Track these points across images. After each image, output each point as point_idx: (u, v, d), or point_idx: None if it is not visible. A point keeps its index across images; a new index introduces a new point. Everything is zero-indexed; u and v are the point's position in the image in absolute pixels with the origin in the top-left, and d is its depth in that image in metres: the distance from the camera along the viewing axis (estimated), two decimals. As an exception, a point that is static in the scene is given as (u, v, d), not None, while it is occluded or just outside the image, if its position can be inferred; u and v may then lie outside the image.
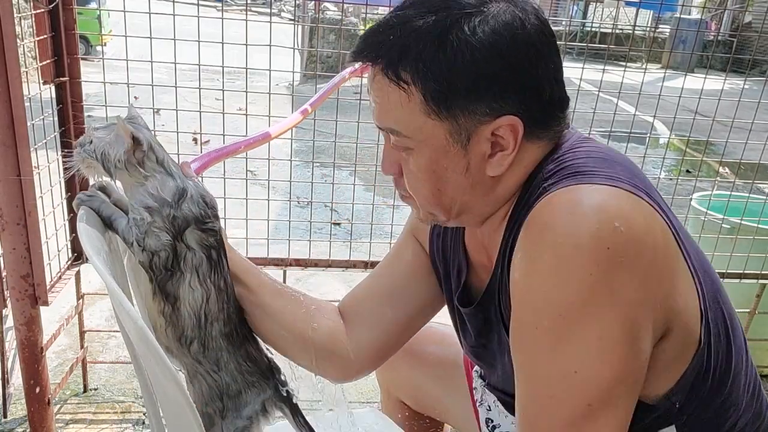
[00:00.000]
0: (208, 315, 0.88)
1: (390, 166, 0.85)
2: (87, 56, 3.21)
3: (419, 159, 0.79)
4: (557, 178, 0.75)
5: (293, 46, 2.28)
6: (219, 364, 0.91)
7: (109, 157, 0.84)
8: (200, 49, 1.81)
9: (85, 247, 0.82)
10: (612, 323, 0.68)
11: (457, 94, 0.74)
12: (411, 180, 0.82)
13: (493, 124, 0.76)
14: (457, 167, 0.79)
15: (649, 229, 0.70)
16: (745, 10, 9.71)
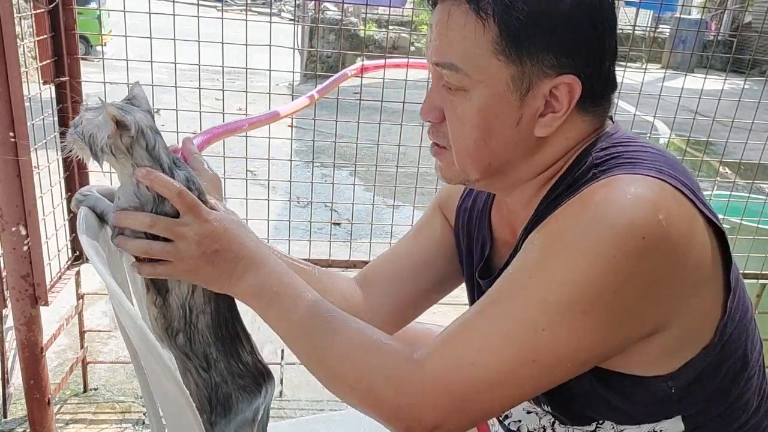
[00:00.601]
0: (192, 307, 0.87)
1: (430, 111, 0.81)
2: (87, 56, 3.21)
3: (473, 102, 0.77)
4: (609, 166, 0.75)
5: (293, 46, 2.28)
6: (208, 360, 0.89)
7: (96, 141, 0.81)
8: (200, 49, 1.81)
9: (85, 247, 0.82)
10: (606, 307, 0.68)
11: (534, 38, 0.73)
12: (456, 126, 0.79)
13: (555, 80, 0.75)
14: (509, 118, 0.77)
15: (689, 231, 0.71)
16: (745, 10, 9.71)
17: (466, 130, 0.79)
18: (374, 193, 2.57)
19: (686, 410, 0.79)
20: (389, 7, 2.02)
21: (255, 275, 0.80)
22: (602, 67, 0.77)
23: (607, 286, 0.67)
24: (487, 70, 0.75)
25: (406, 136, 2.09)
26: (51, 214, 1.78)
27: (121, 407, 2.03)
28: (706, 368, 0.77)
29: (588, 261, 0.68)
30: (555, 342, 0.69)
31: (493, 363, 0.70)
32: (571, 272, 0.68)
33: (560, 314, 0.68)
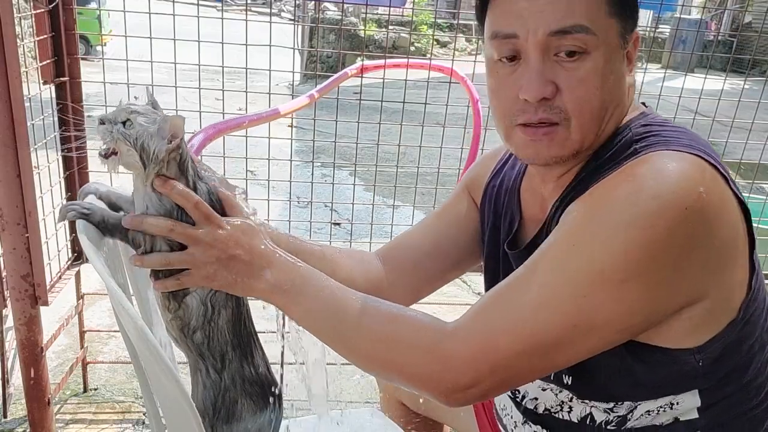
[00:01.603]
0: (215, 304, 0.87)
1: (545, 86, 0.78)
2: (87, 56, 3.21)
3: (596, 62, 0.77)
4: (649, 143, 0.77)
5: (293, 46, 2.28)
6: (224, 360, 0.89)
7: (149, 151, 0.79)
8: (200, 49, 1.81)
9: (84, 247, 0.81)
10: (647, 275, 0.70)
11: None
12: (582, 91, 0.78)
13: (634, 33, 0.82)
14: (620, 75, 0.81)
15: (723, 206, 0.73)
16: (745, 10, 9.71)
17: (591, 93, 0.78)
18: (374, 193, 2.57)
19: (705, 384, 0.81)
20: (389, 7, 2.02)
21: (272, 272, 0.82)
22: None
23: (648, 255, 0.69)
24: (605, 28, 0.78)
25: (406, 136, 2.09)
26: (51, 214, 1.78)
27: (121, 407, 2.03)
28: (730, 344, 0.79)
29: (631, 230, 0.70)
30: (595, 308, 0.71)
31: (533, 328, 0.72)
32: (613, 240, 0.70)
33: (602, 281, 0.70)
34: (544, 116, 0.79)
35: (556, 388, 0.91)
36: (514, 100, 0.81)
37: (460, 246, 1.09)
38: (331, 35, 9.03)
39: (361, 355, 0.81)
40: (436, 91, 2.03)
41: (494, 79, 0.83)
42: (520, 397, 0.98)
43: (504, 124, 0.84)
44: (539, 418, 0.95)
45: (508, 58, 0.80)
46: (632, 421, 0.84)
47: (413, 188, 2.13)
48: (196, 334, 0.87)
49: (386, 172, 3.21)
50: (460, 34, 8.71)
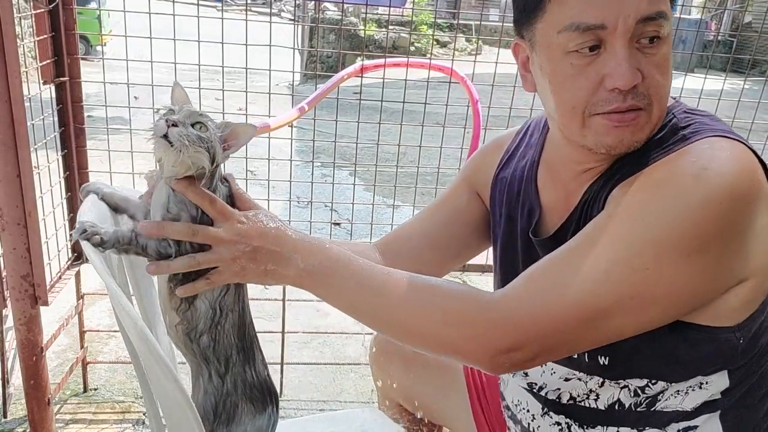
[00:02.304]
0: (223, 307, 0.87)
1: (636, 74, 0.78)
2: (87, 56, 3.21)
3: (668, 47, 0.81)
4: (697, 129, 0.80)
5: (293, 46, 2.28)
6: (228, 364, 0.89)
7: (214, 154, 0.80)
8: (200, 49, 1.81)
9: (84, 247, 0.81)
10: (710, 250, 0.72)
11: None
12: (659, 76, 0.80)
13: None
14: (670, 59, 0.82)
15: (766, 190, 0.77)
16: (745, 10, 9.71)
17: (665, 77, 0.81)
18: (374, 193, 2.57)
19: (738, 364, 0.83)
20: (389, 7, 2.02)
21: (301, 256, 0.83)
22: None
23: (714, 231, 0.72)
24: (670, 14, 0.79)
25: (406, 136, 2.09)
26: (51, 214, 1.78)
27: (121, 407, 2.03)
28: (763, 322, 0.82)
29: (700, 206, 0.72)
30: (657, 282, 0.73)
31: (589, 298, 0.74)
32: (682, 215, 0.72)
33: (668, 255, 0.72)
34: (634, 103, 0.79)
35: (585, 376, 0.90)
36: (593, 90, 0.79)
37: (460, 238, 1.10)
38: (331, 35, 9.03)
39: (400, 328, 0.82)
40: (436, 91, 2.03)
41: (566, 70, 0.80)
42: (537, 388, 0.98)
43: (577, 114, 0.81)
44: (563, 407, 0.94)
45: (589, 48, 0.79)
46: (661, 403, 0.85)
47: (413, 188, 2.13)
48: (202, 337, 0.87)
49: (386, 172, 3.21)
50: (460, 34, 8.71)
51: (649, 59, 0.79)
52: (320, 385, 2.21)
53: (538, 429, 0.99)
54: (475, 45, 8.82)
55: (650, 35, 0.78)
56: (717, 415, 0.84)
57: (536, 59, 0.84)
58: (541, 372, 0.98)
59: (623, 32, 0.77)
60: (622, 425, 0.88)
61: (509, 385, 1.07)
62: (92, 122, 2.05)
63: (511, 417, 1.07)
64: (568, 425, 0.94)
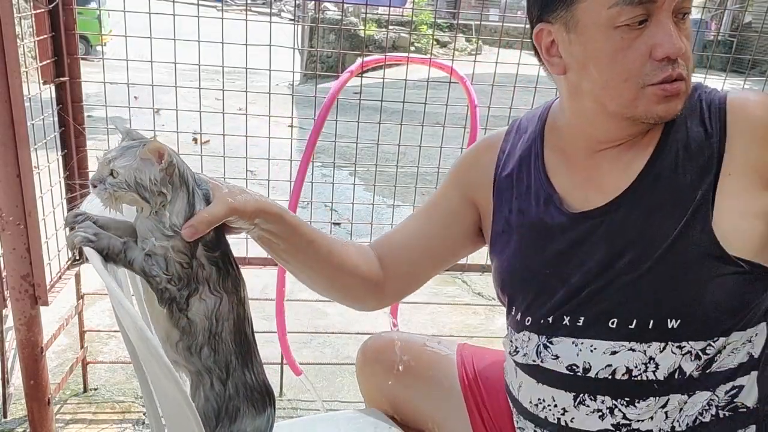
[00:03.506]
0: (219, 317, 0.88)
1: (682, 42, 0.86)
2: (87, 56, 3.21)
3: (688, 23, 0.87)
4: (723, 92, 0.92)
5: (293, 46, 2.28)
6: (228, 369, 0.89)
7: (144, 183, 0.81)
8: (200, 49, 1.81)
9: (87, 253, 0.82)
10: None
11: None
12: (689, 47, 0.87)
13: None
14: None
15: None
16: (745, 10, 9.71)
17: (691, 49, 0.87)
18: (374, 193, 2.57)
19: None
20: (389, 7, 2.02)
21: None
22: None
23: None
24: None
25: (406, 136, 2.09)
26: (51, 214, 1.79)
27: (121, 407, 2.03)
28: None
29: None
30: None
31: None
32: None
33: None
34: (682, 71, 0.85)
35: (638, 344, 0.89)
36: (643, 62, 0.84)
37: (452, 239, 1.12)
38: (331, 35, 9.03)
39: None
40: (436, 91, 2.02)
41: (616, 44, 0.85)
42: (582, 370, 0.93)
43: (631, 86, 0.86)
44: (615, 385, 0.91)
45: (639, 21, 0.83)
46: (717, 363, 0.87)
47: (413, 188, 2.13)
48: (203, 350, 0.88)
49: (386, 172, 3.21)
50: (460, 34, 8.70)
51: (684, 32, 0.86)
52: (320, 385, 2.21)
53: (572, 421, 0.95)
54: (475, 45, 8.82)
55: (685, 11, 0.85)
56: (755, 376, 0.87)
57: (574, 39, 0.88)
58: (577, 351, 0.93)
59: (669, 6, 0.83)
60: (676, 393, 0.88)
61: (524, 386, 1.02)
62: (92, 122, 2.05)
63: (532, 420, 1.01)
64: (612, 408, 0.91)
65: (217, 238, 0.88)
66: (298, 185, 1.77)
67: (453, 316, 2.73)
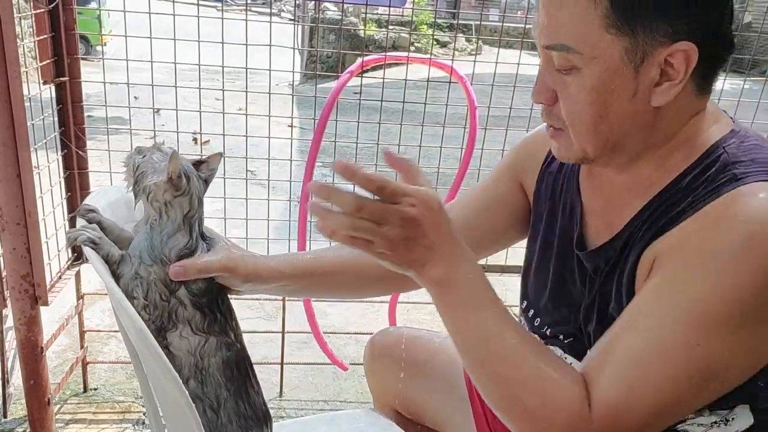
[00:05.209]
0: (204, 355, 0.87)
1: (542, 93, 0.81)
2: (87, 56, 3.21)
3: (586, 79, 0.77)
4: (750, 168, 0.74)
5: (293, 46, 2.28)
6: (219, 400, 0.89)
7: (143, 180, 0.83)
8: (200, 49, 1.81)
9: (87, 253, 0.82)
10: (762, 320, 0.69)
11: (645, 8, 0.73)
12: (571, 105, 0.79)
13: (669, 48, 0.74)
14: (625, 91, 0.77)
15: None
16: (745, 10, 9.71)
17: (582, 108, 0.79)
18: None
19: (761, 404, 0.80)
20: (389, 7, 2.02)
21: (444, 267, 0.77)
22: (720, 33, 0.76)
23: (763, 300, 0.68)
24: (599, 46, 0.75)
25: (406, 136, 2.09)
26: (51, 214, 1.78)
27: (121, 407, 2.03)
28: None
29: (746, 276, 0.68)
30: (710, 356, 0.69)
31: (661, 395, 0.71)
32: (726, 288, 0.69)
33: (716, 329, 0.69)
34: (547, 120, 0.83)
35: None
36: None
37: (499, 226, 1.07)
38: (331, 35, 9.03)
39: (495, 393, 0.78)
40: (436, 91, 2.02)
41: None
42: None
43: None
44: None
45: None
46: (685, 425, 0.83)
47: (413, 188, 2.12)
48: (189, 382, 0.87)
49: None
50: (460, 34, 8.70)
51: (564, 86, 0.79)
52: (320, 385, 2.21)
53: None
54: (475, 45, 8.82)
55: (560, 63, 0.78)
56: None
57: None
58: None
59: (540, 53, 0.80)
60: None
61: None
62: (92, 122, 2.05)
63: None
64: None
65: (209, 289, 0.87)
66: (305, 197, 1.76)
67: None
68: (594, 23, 0.74)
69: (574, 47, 0.75)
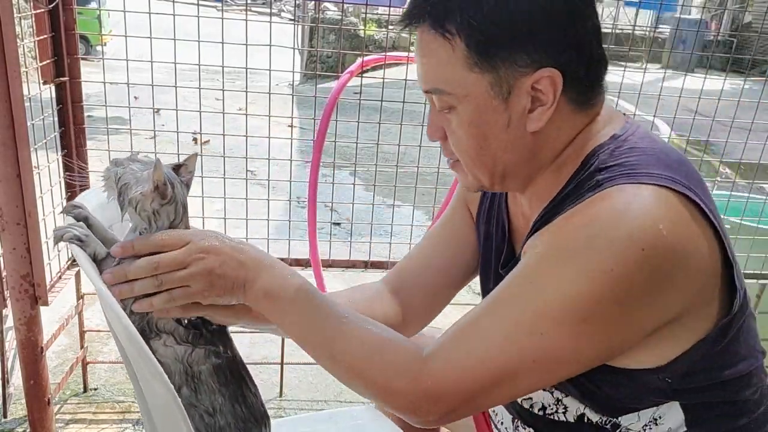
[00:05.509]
0: (192, 363, 0.87)
1: (435, 131, 0.87)
2: (87, 56, 3.21)
3: (462, 116, 0.81)
4: (612, 173, 0.77)
5: (293, 46, 2.28)
6: (214, 406, 0.89)
7: (127, 192, 0.81)
8: (200, 49, 1.81)
9: (75, 253, 0.81)
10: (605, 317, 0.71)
11: (499, 44, 0.76)
12: (455, 140, 0.85)
13: (532, 76, 0.77)
14: (499, 122, 0.80)
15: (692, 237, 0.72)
16: (745, 10, 9.71)
17: (464, 143, 0.84)
18: (374, 193, 2.56)
19: (684, 399, 0.81)
20: (389, 7, 2.02)
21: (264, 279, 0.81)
22: (581, 54, 0.79)
23: (605, 299, 0.70)
24: (466, 85, 0.79)
25: (406, 136, 2.09)
26: (51, 214, 1.78)
27: (121, 407, 2.03)
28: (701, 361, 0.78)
29: (587, 275, 0.70)
30: (554, 346, 0.72)
31: (494, 362, 0.74)
32: (570, 284, 0.71)
33: (559, 321, 0.71)
34: (446, 154, 0.89)
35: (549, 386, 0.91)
36: None
37: (462, 262, 1.09)
38: (331, 35, 9.02)
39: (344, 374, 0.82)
40: (436, 91, 2.02)
41: None
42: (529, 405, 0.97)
43: None
44: (534, 419, 0.94)
45: None
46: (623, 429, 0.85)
47: (413, 188, 2.13)
48: (182, 390, 0.87)
49: (386, 172, 3.20)
50: (460, 34, 8.69)
51: (448, 123, 0.84)
52: (320, 385, 2.21)
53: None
54: (475, 45, 8.78)
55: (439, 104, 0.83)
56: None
57: None
58: None
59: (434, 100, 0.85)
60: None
61: None
62: (92, 122, 2.05)
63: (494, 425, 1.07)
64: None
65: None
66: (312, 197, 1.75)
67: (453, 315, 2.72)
68: (458, 65, 0.78)
69: (446, 89, 0.81)
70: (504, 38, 0.76)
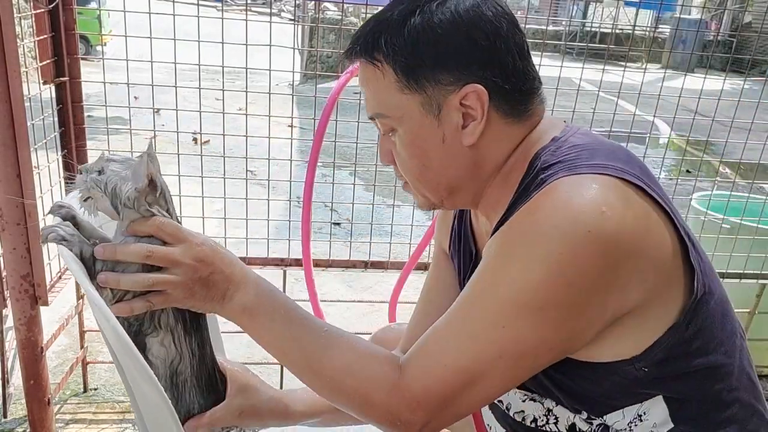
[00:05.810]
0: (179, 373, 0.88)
1: (385, 155, 0.92)
2: (87, 56, 3.21)
3: (403, 137, 0.87)
4: (554, 170, 0.80)
5: (293, 46, 2.28)
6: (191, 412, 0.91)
7: (120, 194, 0.80)
8: (200, 49, 1.81)
9: (64, 257, 0.81)
10: (561, 302, 0.73)
11: (423, 66, 0.82)
12: (400, 162, 0.90)
13: (459, 93, 0.82)
14: (434, 139, 0.85)
15: (638, 218, 0.74)
16: (745, 10, 9.71)
17: (408, 163, 0.88)
18: (374, 193, 2.57)
19: (666, 391, 0.82)
20: (389, 7, 2.01)
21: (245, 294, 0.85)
22: (504, 69, 0.83)
23: (558, 283, 0.72)
24: (400, 107, 0.85)
25: (406, 136, 2.09)
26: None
27: (121, 407, 2.03)
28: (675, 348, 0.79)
29: (537, 261, 0.72)
30: (517, 337, 0.74)
31: (462, 363, 0.76)
32: (523, 273, 0.73)
33: (517, 313, 0.73)
34: (398, 176, 0.94)
35: (539, 396, 0.92)
36: None
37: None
38: (331, 35, 9.02)
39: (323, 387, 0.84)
40: (436, 91, 2.03)
41: None
42: (504, 407, 0.98)
43: None
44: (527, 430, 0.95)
45: None
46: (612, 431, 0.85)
47: (413, 188, 2.13)
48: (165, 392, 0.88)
49: (386, 172, 3.20)
50: (460, 34, 8.70)
51: (393, 146, 0.90)
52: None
53: None
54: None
55: (383, 128, 0.89)
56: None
57: None
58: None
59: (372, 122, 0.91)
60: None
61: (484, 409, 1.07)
62: (92, 122, 2.05)
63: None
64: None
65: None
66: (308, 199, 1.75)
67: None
68: (391, 89, 0.84)
69: (384, 113, 0.87)
70: (426, 60, 0.82)
